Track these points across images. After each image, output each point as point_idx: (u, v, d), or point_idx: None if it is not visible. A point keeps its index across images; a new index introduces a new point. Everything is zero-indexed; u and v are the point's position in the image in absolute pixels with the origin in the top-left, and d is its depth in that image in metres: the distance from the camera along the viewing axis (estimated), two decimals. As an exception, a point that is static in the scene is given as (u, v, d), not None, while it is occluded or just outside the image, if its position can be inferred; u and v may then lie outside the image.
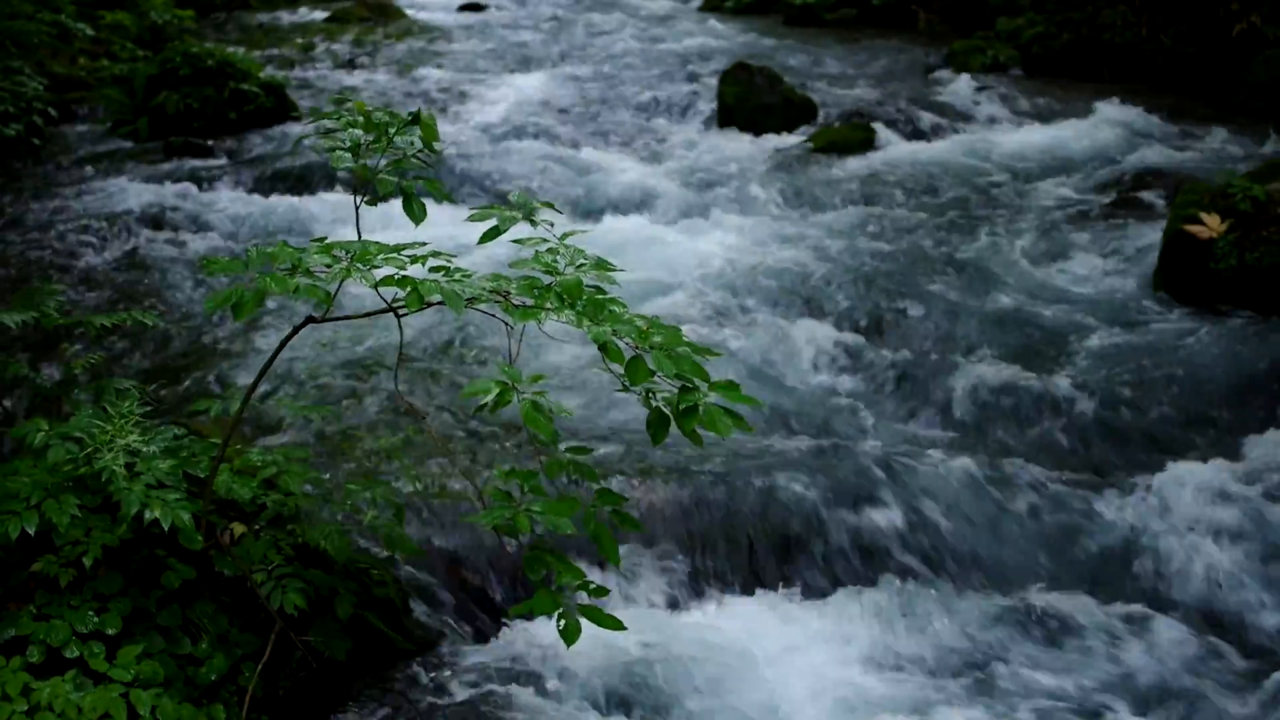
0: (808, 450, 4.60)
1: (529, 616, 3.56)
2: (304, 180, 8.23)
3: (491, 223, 2.62)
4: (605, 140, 9.55)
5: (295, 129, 9.31)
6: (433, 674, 3.50)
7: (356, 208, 2.90)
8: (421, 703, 3.38)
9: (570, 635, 2.50)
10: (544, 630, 3.69)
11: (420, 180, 2.81)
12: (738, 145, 9.35)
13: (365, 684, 3.39)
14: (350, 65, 12.48)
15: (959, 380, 5.29)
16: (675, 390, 2.43)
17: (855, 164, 8.67)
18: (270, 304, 5.74)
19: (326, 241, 2.65)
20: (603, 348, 2.40)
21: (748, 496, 4.29)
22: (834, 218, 7.58)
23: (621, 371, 2.42)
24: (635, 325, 2.45)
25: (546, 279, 2.54)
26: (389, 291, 2.60)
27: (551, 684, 3.48)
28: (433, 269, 2.60)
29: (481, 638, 3.74)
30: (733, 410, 2.40)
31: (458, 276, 2.55)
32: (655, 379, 2.44)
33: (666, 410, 2.46)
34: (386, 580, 3.61)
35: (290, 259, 2.56)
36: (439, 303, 2.49)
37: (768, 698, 3.44)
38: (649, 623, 3.73)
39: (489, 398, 2.41)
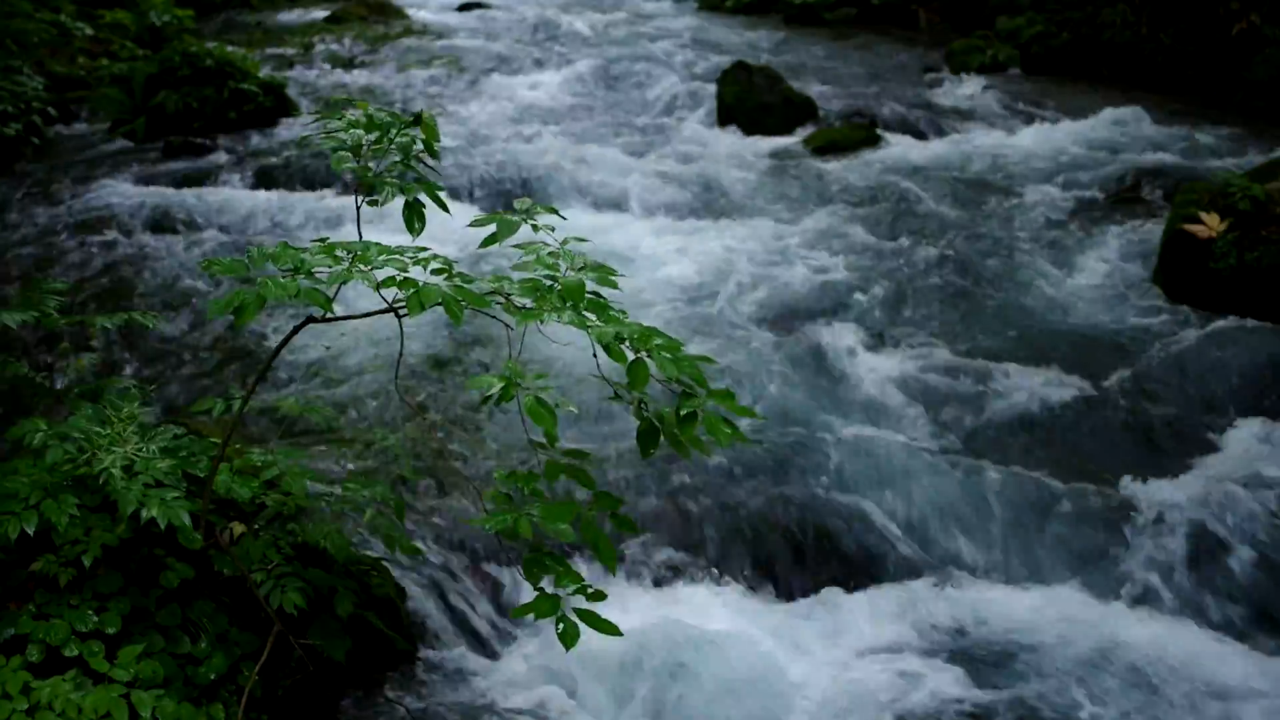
0: (803, 450, 4.60)
1: (529, 618, 3.55)
2: (304, 180, 8.24)
3: (493, 228, 2.62)
4: (604, 140, 9.54)
5: (295, 129, 9.31)
6: (431, 674, 3.51)
7: (358, 208, 2.90)
8: (420, 702, 3.38)
9: (568, 639, 2.49)
10: (543, 631, 3.69)
11: (420, 184, 2.80)
12: (737, 145, 9.36)
13: (364, 683, 3.40)
14: (350, 65, 12.48)
15: (957, 379, 5.29)
16: (667, 404, 2.44)
17: (854, 163, 8.67)
18: (271, 302, 5.73)
19: (329, 242, 2.65)
20: (606, 348, 2.40)
21: (746, 496, 4.30)
22: (833, 217, 7.57)
23: (617, 380, 2.42)
24: (635, 329, 2.45)
25: (548, 281, 2.54)
26: (390, 291, 2.60)
27: (550, 684, 3.48)
28: (434, 271, 2.60)
29: (480, 638, 3.74)
30: (730, 419, 2.41)
31: (459, 281, 2.54)
32: (647, 390, 2.44)
33: (657, 422, 2.48)
34: (386, 580, 3.60)
35: (292, 260, 2.56)
36: (439, 303, 2.49)
37: (768, 700, 3.44)
38: (648, 623, 3.73)
39: (493, 391, 2.41)
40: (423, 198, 2.79)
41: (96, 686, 2.83)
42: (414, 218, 2.75)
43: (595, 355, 2.44)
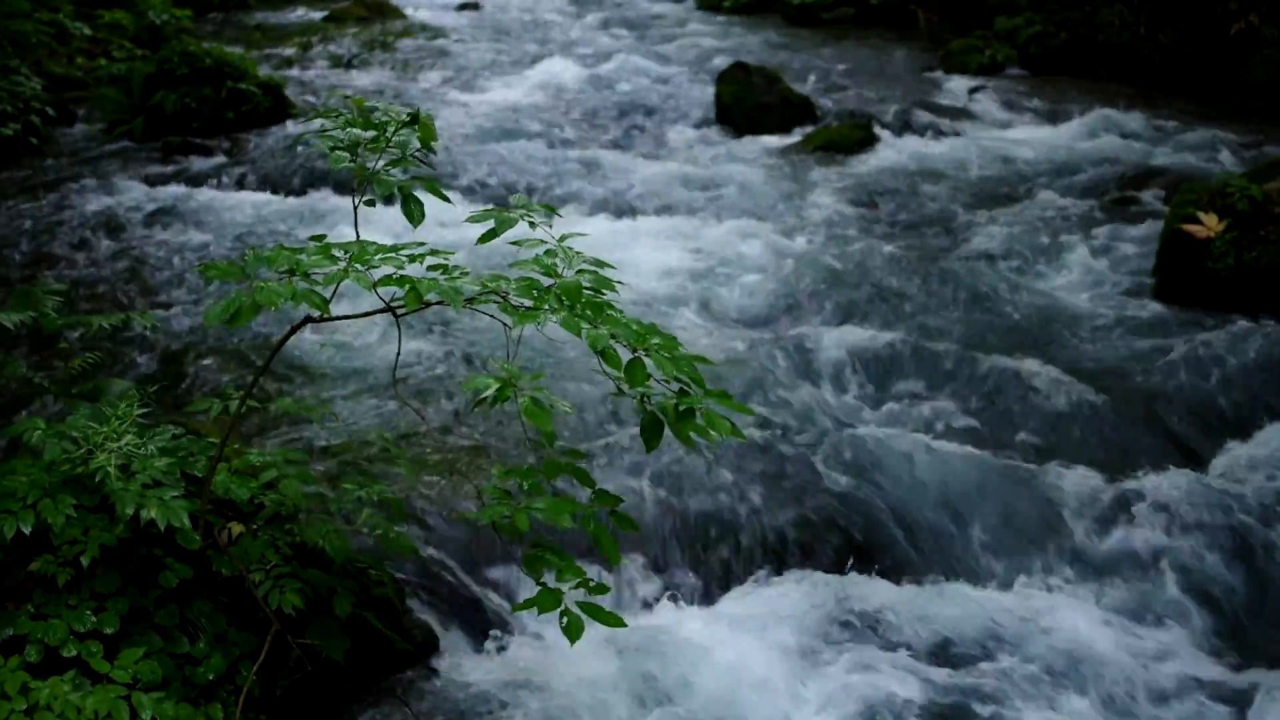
0: (805, 449, 4.60)
1: (531, 614, 3.55)
2: (302, 180, 8.23)
3: (489, 224, 2.62)
4: (602, 139, 9.54)
5: (293, 128, 9.30)
6: (431, 674, 3.50)
7: (355, 207, 2.90)
8: (420, 702, 3.38)
9: (573, 632, 2.49)
10: (544, 629, 3.69)
11: (418, 180, 2.81)
12: (735, 145, 9.36)
13: (363, 683, 3.39)
14: (348, 65, 12.48)
15: (955, 379, 5.29)
16: (670, 395, 2.44)
17: (853, 163, 8.68)
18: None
19: (325, 242, 2.65)
20: (602, 354, 2.39)
21: (746, 494, 4.30)
22: (831, 217, 7.58)
23: (619, 375, 2.42)
24: (633, 329, 2.45)
25: (546, 281, 2.54)
26: (388, 291, 2.60)
27: (550, 683, 3.47)
28: (431, 268, 2.60)
29: (480, 637, 3.74)
30: (726, 416, 2.41)
31: (456, 275, 2.55)
32: (650, 384, 2.44)
33: (660, 416, 2.47)
34: (385, 580, 3.60)
35: (288, 262, 2.56)
36: (438, 302, 2.49)
37: (767, 700, 3.44)
38: (648, 623, 3.73)
39: (489, 392, 2.41)
40: (420, 193, 2.79)
41: (96, 687, 2.82)
42: (413, 208, 2.75)
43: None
